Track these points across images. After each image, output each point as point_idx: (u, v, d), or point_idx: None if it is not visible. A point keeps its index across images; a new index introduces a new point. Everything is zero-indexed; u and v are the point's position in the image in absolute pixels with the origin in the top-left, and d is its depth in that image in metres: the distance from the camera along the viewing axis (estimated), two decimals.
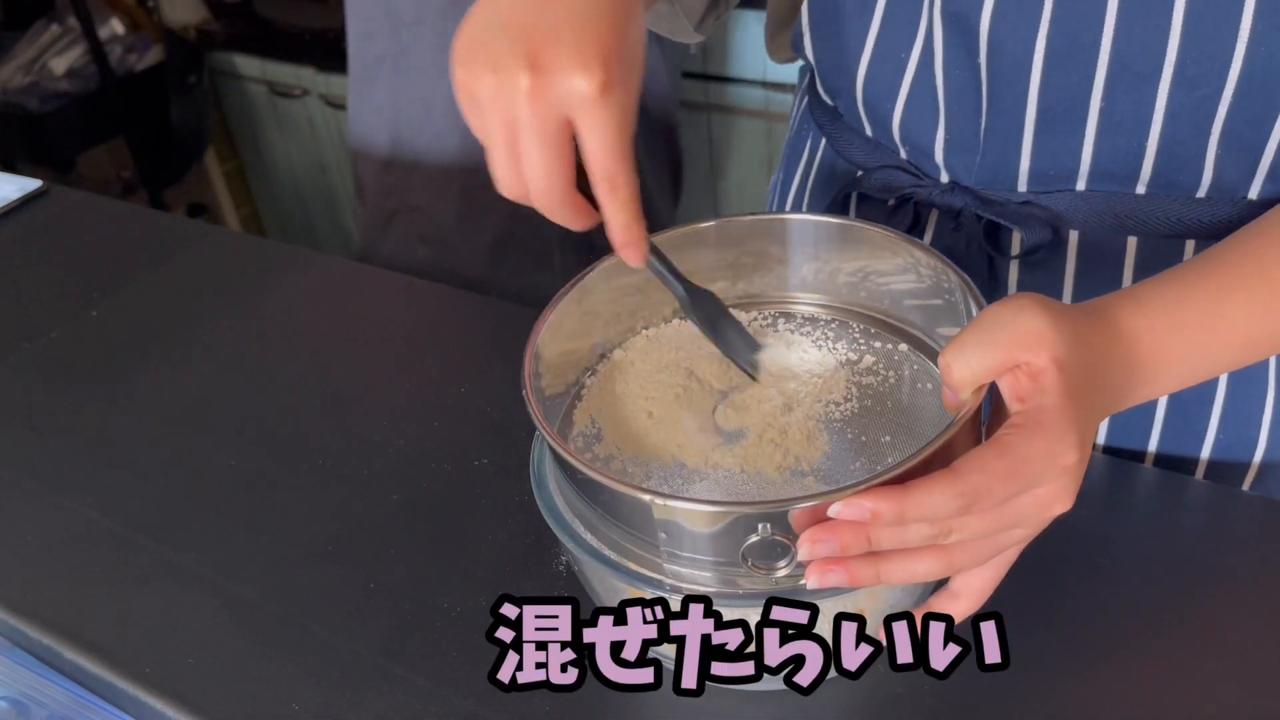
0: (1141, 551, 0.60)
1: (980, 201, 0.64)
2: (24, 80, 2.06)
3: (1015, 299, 0.45)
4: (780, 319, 0.60)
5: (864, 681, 0.54)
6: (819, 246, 0.59)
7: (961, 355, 0.44)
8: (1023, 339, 0.43)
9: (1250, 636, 0.55)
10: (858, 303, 0.60)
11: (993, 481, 0.41)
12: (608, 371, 0.58)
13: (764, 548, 0.43)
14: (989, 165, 0.63)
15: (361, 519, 0.66)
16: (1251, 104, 0.55)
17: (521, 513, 0.65)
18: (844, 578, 0.42)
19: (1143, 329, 0.47)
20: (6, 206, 1.02)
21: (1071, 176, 0.61)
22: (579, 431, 0.55)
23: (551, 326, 0.54)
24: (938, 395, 0.54)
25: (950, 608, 0.47)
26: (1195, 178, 0.59)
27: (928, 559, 0.43)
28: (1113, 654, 0.54)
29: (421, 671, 0.56)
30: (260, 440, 0.73)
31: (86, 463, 0.73)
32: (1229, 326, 0.49)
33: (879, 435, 0.53)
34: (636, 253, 0.50)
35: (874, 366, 0.57)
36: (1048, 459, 0.42)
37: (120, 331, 0.87)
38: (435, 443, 0.71)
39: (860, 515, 0.41)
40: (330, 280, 0.91)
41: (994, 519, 0.42)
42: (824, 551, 0.41)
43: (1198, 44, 0.54)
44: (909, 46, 0.63)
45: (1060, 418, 0.42)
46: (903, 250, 0.55)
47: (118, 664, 0.59)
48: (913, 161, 0.68)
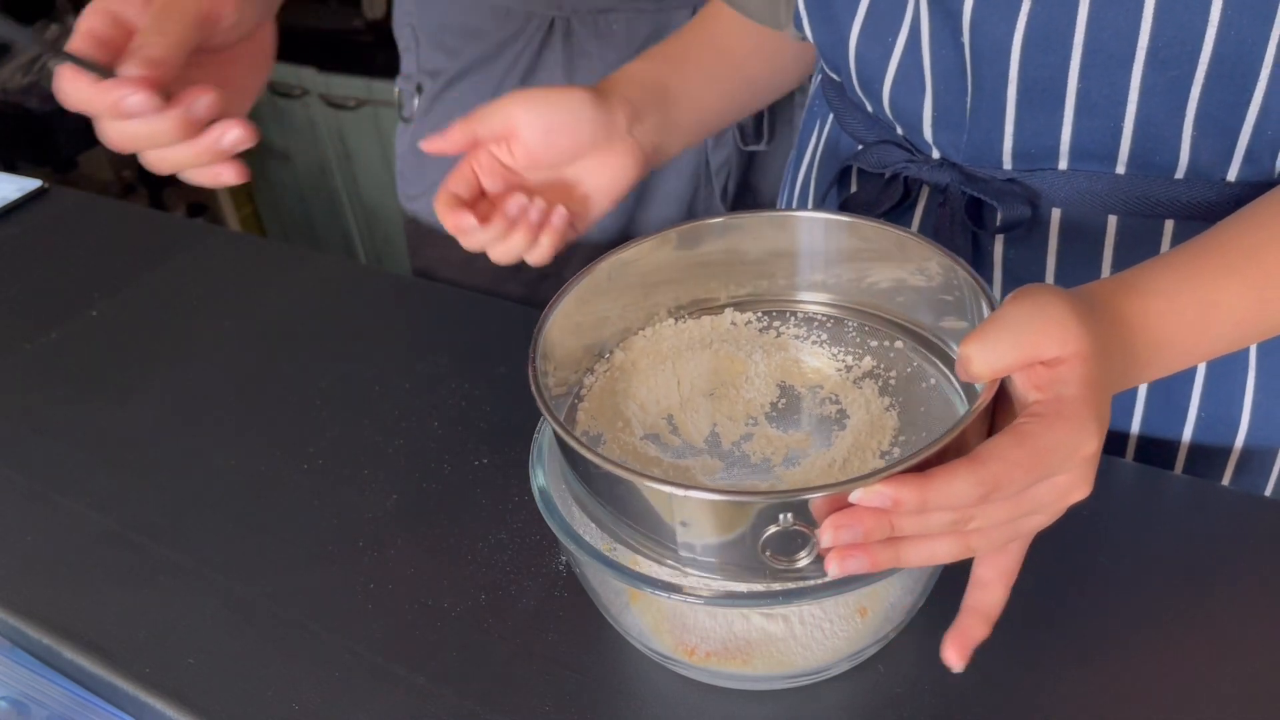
0: (1140, 551, 0.60)
1: (966, 178, 0.66)
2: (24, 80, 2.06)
3: (1034, 292, 0.45)
4: (776, 318, 0.60)
5: (864, 681, 0.54)
6: (818, 243, 0.59)
7: (983, 348, 0.44)
8: (1048, 332, 0.44)
9: (1250, 636, 0.55)
10: (853, 300, 0.60)
11: (1014, 470, 0.41)
12: (609, 373, 0.58)
13: (783, 538, 0.43)
14: (975, 143, 0.65)
15: (361, 519, 0.66)
16: (1224, 87, 0.57)
17: (521, 513, 0.65)
18: (865, 563, 0.42)
19: (1140, 314, 0.48)
20: (6, 206, 1.02)
21: (1053, 155, 0.63)
22: (581, 431, 0.55)
23: (558, 320, 0.54)
24: (940, 390, 0.55)
25: (983, 599, 0.47)
26: (1172, 159, 0.60)
27: (946, 543, 0.43)
28: (1113, 654, 0.54)
29: (421, 671, 0.56)
30: (260, 440, 0.73)
31: (86, 463, 0.73)
32: (1223, 312, 0.50)
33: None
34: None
35: (875, 369, 0.57)
36: (1068, 448, 0.43)
37: (120, 331, 0.87)
38: (435, 443, 0.71)
39: (883, 502, 0.41)
40: (330, 280, 0.91)
41: (1014, 506, 0.43)
42: (847, 538, 0.41)
43: (1169, 27, 0.56)
44: (896, 29, 0.65)
45: (1082, 408, 0.43)
46: (907, 246, 0.56)
47: (118, 664, 0.59)
48: (907, 138, 0.70)
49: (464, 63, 1.11)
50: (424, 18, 1.13)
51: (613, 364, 0.58)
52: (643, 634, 0.54)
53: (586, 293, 0.56)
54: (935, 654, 0.50)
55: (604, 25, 1.05)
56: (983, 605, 0.47)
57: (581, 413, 0.56)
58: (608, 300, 0.58)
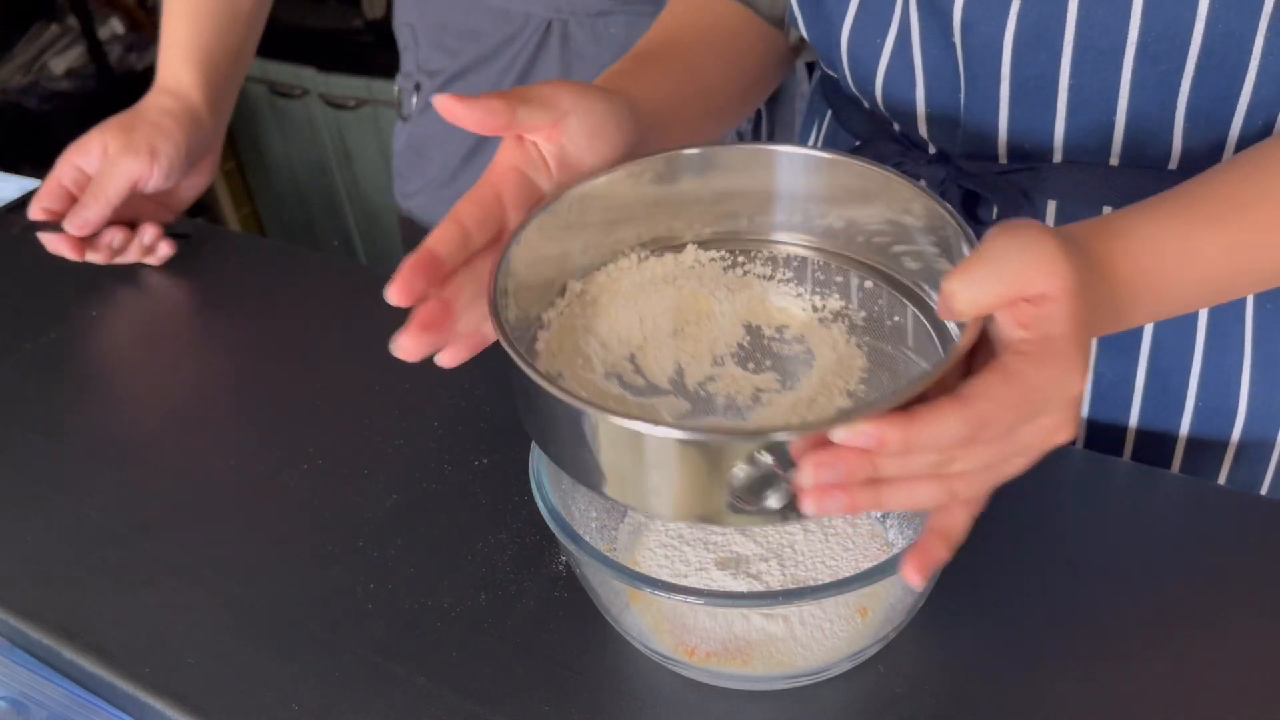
0: (1139, 551, 0.60)
1: (961, 172, 0.66)
2: (24, 80, 2.07)
3: (1018, 227, 0.44)
4: (741, 256, 0.57)
5: (864, 681, 0.54)
6: (795, 180, 0.56)
7: (968, 284, 0.43)
8: (1036, 268, 0.42)
9: (1250, 636, 0.55)
10: (823, 241, 0.57)
11: (1000, 410, 0.40)
12: (568, 308, 0.54)
13: (753, 481, 0.41)
14: (970, 138, 0.65)
15: (361, 519, 0.66)
16: (1214, 80, 0.57)
17: (521, 513, 0.65)
18: (844, 503, 0.40)
19: (1121, 255, 0.48)
20: (6, 206, 1.02)
21: (1048, 150, 0.63)
22: (541, 369, 0.49)
23: (519, 253, 0.50)
24: (909, 329, 0.53)
25: (945, 522, 0.45)
26: (1165, 151, 0.61)
27: (928, 486, 0.42)
28: (1112, 654, 0.54)
29: (421, 671, 0.56)
30: (260, 440, 0.73)
31: (86, 463, 0.73)
32: (1203, 261, 0.50)
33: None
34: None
35: (843, 309, 0.55)
36: (1055, 387, 0.42)
37: (120, 331, 0.87)
38: (435, 443, 0.71)
39: (866, 441, 0.39)
40: (330, 280, 0.91)
41: (998, 449, 0.42)
42: (828, 477, 0.40)
43: (1158, 22, 0.56)
44: (885, 29, 0.65)
45: (1069, 346, 0.42)
46: (890, 186, 0.53)
47: (118, 664, 0.59)
48: (903, 133, 0.70)
49: (462, 63, 1.11)
50: (423, 18, 1.13)
51: (571, 299, 0.54)
52: (643, 634, 0.54)
53: (549, 226, 0.52)
54: (935, 654, 0.50)
55: (601, 28, 1.06)
56: (944, 527, 0.45)
57: (540, 348, 0.52)
58: (570, 234, 0.54)
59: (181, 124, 0.89)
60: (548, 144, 0.52)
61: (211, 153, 0.95)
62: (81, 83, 2.09)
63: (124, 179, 0.85)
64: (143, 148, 0.86)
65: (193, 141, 0.90)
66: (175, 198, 0.94)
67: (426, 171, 1.19)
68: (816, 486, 0.40)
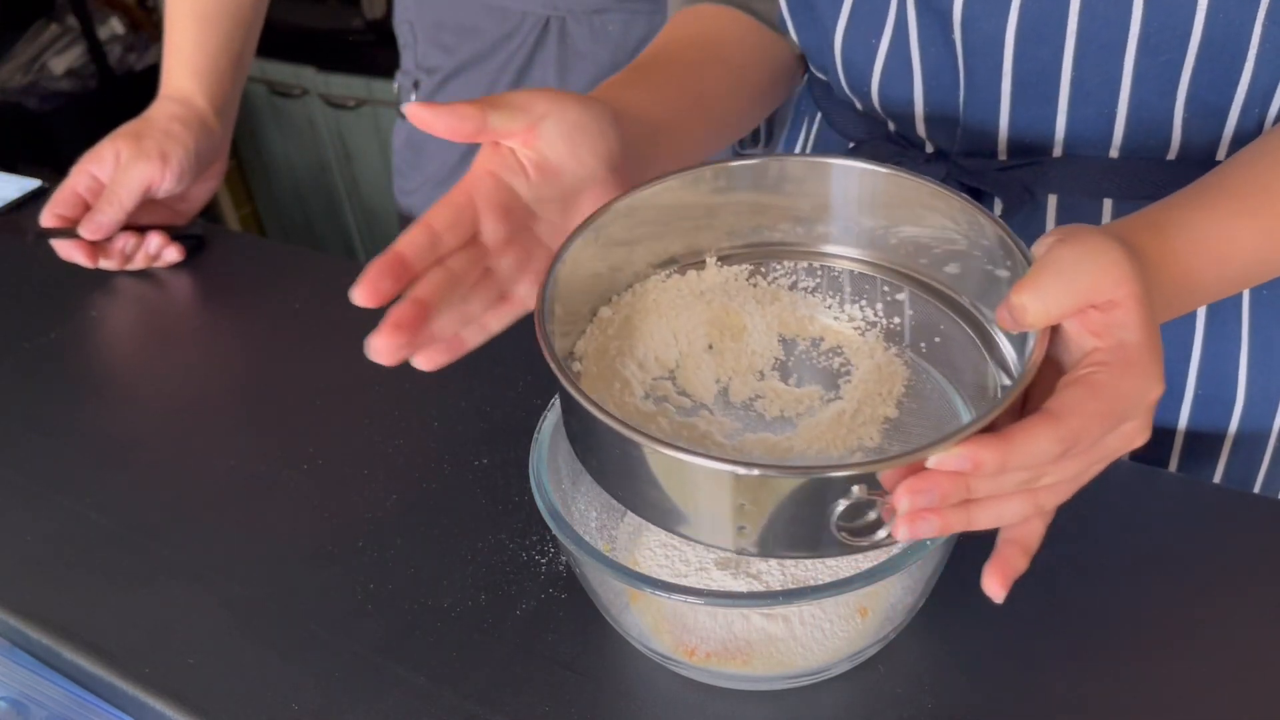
0: (1139, 551, 0.60)
1: (960, 171, 0.66)
2: (23, 80, 2.06)
3: (1080, 234, 0.44)
4: (762, 268, 0.57)
5: (864, 681, 0.54)
6: (837, 192, 0.55)
7: (1038, 295, 0.43)
8: (1106, 276, 0.43)
9: (1249, 635, 0.55)
10: (838, 248, 0.57)
11: (1090, 423, 0.41)
12: (599, 334, 0.54)
13: (854, 512, 0.41)
14: (970, 136, 0.65)
15: (361, 519, 0.66)
16: (1213, 70, 0.57)
17: (521, 513, 0.65)
18: (936, 525, 0.41)
19: (1168, 253, 0.48)
20: (6, 206, 1.02)
21: (1048, 144, 0.63)
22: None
23: (563, 278, 0.50)
24: (951, 336, 0.53)
25: (1022, 532, 0.45)
26: (1165, 141, 0.61)
27: (1017, 502, 0.42)
28: (1112, 654, 0.54)
29: (421, 671, 0.56)
30: (260, 440, 0.73)
31: (86, 463, 0.73)
32: (1243, 251, 0.51)
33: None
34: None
35: (878, 318, 0.55)
36: (1139, 395, 0.42)
37: (120, 331, 0.87)
38: (435, 443, 0.71)
39: (961, 465, 0.40)
40: (331, 280, 0.91)
41: (1086, 459, 0.43)
42: (924, 503, 0.40)
43: (1160, 13, 0.56)
44: (880, 29, 0.65)
45: (1145, 353, 0.42)
46: (932, 199, 0.53)
47: (118, 664, 0.59)
48: (900, 133, 0.70)
49: (460, 60, 1.11)
50: (422, 15, 1.13)
51: (600, 324, 0.54)
52: (643, 634, 0.54)
53: (584, 250, 0.52)
54: (935, 654, 0.50)
55: (599, 25, 1.06)
56: (1021, 537, 0.45)
57: (577, 369, 0.51)
58: (608, 253, 0.53)
59: (190, 129, 0.91)
60: (525, 149, 0.52)
61: (219, 159, 0.96)
62: (81, 82, 2.09)
63: (137, 183, 0.87)
64: (154, 153, 0.88)
65: (201, 146, 0.91)
66: (185, 204, 0.95)
67: (425, 169, 1.19)
68: (911, 511, 0.40)
